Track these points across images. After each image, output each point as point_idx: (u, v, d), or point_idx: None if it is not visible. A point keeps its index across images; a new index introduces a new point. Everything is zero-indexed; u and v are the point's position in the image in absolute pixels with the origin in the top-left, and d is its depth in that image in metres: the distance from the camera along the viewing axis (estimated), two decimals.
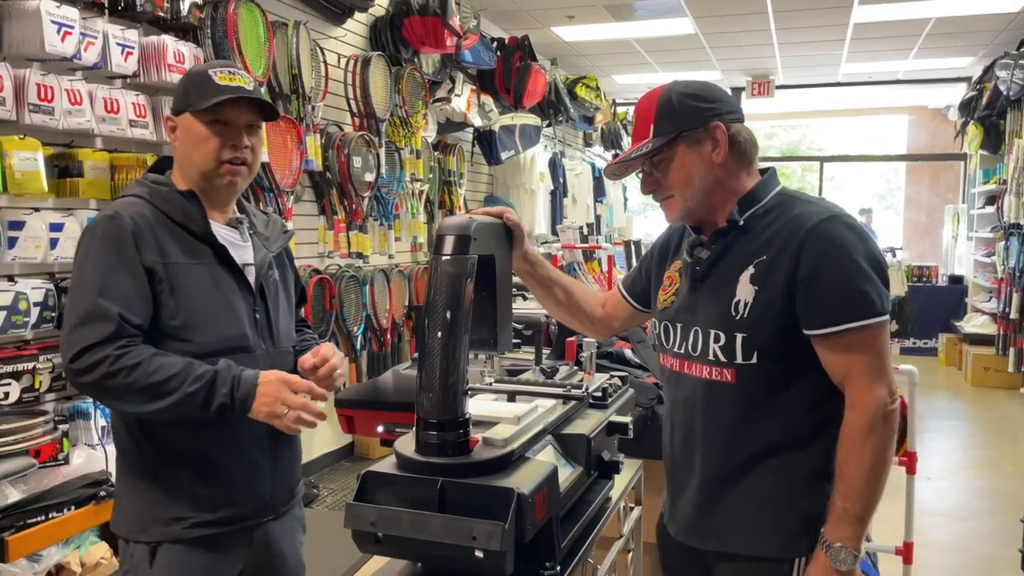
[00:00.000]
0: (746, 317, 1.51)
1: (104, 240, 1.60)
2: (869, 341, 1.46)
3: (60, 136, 2.84)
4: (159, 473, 1.66)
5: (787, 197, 1.59)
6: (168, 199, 1.69)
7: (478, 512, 1.28)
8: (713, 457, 1.59)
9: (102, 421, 2.88)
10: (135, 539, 1.67)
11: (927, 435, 6.39)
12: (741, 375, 1.53)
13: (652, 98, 1.59)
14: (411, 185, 5.23)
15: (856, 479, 1.45)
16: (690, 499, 1.64)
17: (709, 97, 1.57)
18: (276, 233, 1.89)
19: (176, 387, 1.54)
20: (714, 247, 1.60)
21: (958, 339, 9.28)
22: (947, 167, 12.03)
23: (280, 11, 4.18)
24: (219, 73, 1.70)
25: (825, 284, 1.46)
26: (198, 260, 1.68)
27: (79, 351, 1.53)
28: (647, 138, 1.56)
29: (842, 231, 1.48)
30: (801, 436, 1.53)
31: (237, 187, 1.76)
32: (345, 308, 4.55)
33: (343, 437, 4.92)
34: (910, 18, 7.11)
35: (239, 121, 1.71)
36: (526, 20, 7.08)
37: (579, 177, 8.84)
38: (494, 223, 1.59)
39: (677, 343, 1.65)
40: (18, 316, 2.60)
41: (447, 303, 1.36)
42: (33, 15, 2.58)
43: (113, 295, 1.56)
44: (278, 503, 1.78)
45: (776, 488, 1.54)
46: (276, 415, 1.60)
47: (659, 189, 1.61)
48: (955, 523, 4.58)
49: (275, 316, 1.81)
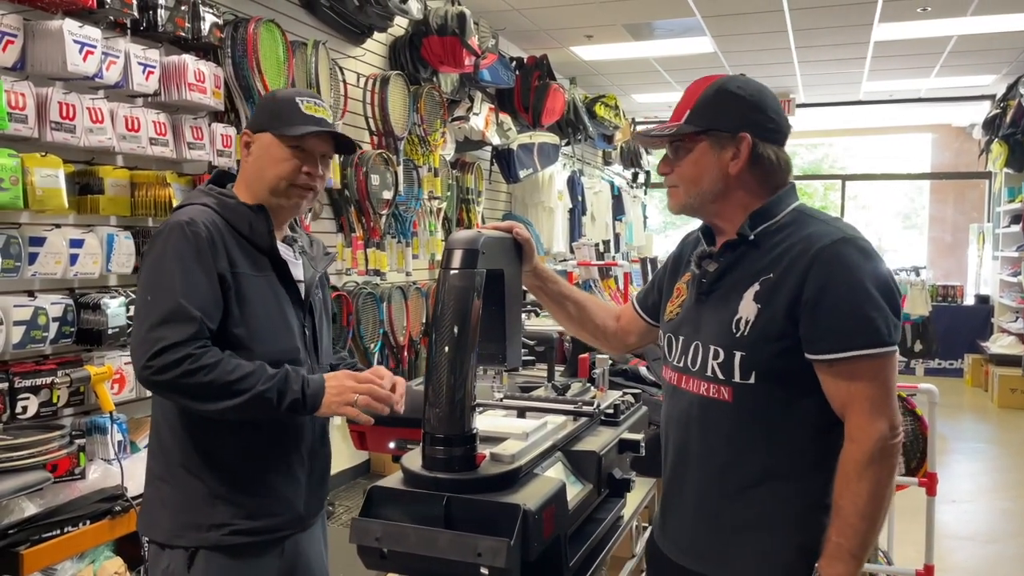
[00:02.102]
0: (746, 335, 1.46)
1: (183, 243, 1.65)
2: (873, 371, 1.40)
3: (81, 153, 2.88)
4: (202, 478, 1.70)
5: (802, 215, 1.53)
6: (236, 211, 1.75)
7: (484, 528, 1.27)
8: (706, 477, 1.54)
9: (119, 436, 2.90)
10: (172, 544, 1.69)
11: (952, 457, 6.28)
12: (738, 394, 1.48)
13: (704, 83, 1.54)
14: (429, 203, 5.25)
15: (851, 515, 1.39)
16: (682, 517, 1.59)
17: (755, 106, 1.51)
18: (320, 254, 1.98)
19: (251, 386, 1.59)
20: (722, 260, 1.56)
21: (984, 360, 9.14)
22: (971, 185, 11.89)
23: (300, 31, 4.23)
24: (305, 103, 1.80)
25: (831, 308, 1.40)
26: (261, 272, 1.75)
27: (160, 349, 1.56)
28: (680, 121, 1.53)
29: (853, 254, 1.42)
30: (799, 464, 1.48)
31: (300, 209, 1.85)
32: (362, 325, 4.56)
33: (359, 454, 4.91)
34: (932, 36, 7.06)
35: (318, 150, 1.81)
36: (545, 40, 7.11)
37: (598, 195, 8.84)
38: (503, 237, 1.59)
39: (677, 356, 1.61)
40: (37, 331, 2.63)
41: (454, 317, 1.36)
42: (56, 35, 2.63)
43: (193, 297, 1.61)
44: (309, 515, 1.83)
45: (771, 516, 1.48)
46: (348, 402, 1.66)
47: (670, 175, 1.58)
48: (981, 546, 4.48)
49: (320, 332, 1.89)
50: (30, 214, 2.70)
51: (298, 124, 1.76)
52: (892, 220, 15.57)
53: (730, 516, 1.52)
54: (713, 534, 1.54)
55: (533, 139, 6.64)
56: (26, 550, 2.47)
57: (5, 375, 2.56)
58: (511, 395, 1.91)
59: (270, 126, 1.79)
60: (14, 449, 2.42)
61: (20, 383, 2.59)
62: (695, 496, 1.57)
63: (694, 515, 1.57)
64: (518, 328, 1.62)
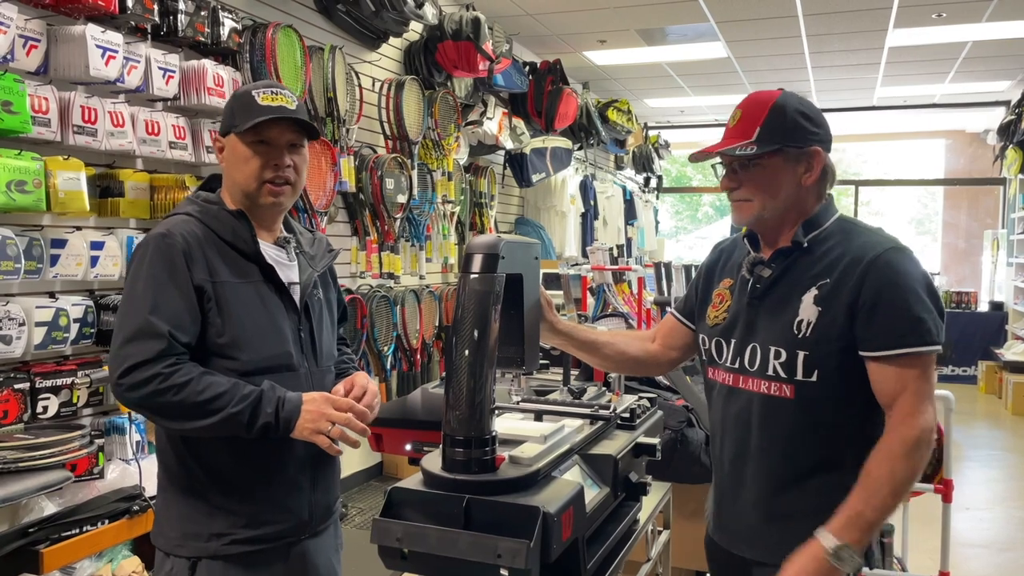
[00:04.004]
0: (809, 336, 1.56)
1: (156, 257, 1.62)
2: (921, 368, 1.50)
3: (102, 157, 2.92)
4: (201, 489, 1.68)
5: (848, 224, 1.65)
6: (218, 217, 1.72)
7: (503, 530, 1.28)
8: (765, 469, 1.63)
9: (137, 436, 2.93)
10: (175, 553, 1.68)
11: (966, 464, 6.24)
12: (800, 391, 1.57)
13: (765, 100, 1.61)
14: (442, 207, 5.28)
15: (885, 486, 1.47)
16: (740, 509, 1.67)
17: (818, 121, 1.62)
18: (321, 252, 1.91)
19: (222, 406, 1.56)
20: (774, 266, 1.64)
21: (998, 367, 9.07)
22: (986, 192, 11.83)
23: (317, 36, 4.27)
24: (262, 94, 1.72)
25: (886, 309, 1.51)
26: (246, 279, 1.70)
27: (129, 367, 1.55)
28: (749, 139, 1.58)
29: (904, 262, 1.54)
30: (846, 457, 1.56)
31: (281, 206, 1.78)
32: (376, 328, 4.59)
33: (372, 457, 4.93)
34: (946, 42, 7.05)
35: (280, 141, 1.73)
36: (558, 44, 7.13)
37: (610, 200, 8.84)
38: (524, 242, 1.61)
39: (730, 358, 1.68)
40: (58, 332, 2.66)
41: (475, 321, 1.37)
42: (79, 40, 2.66)
43: (163, 312, 1.58)
44: (316, 521, 1.79)
45: (820, 505, 1.55)
46: (320, 431, 1.62)
47: (739, 189, 1.64)
48: (996, 554, 4.46)
49: (319, 335, 1.82)
50: (52, 216, 2.73)
51: (255, 116, 1.68)
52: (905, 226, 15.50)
53: (785, 505, 1.61)
54: (769, 523, 1.63)
55: (546, 143, 6.66)
56: (46, 548, 2.50)
57: (27, 375, 2.59)
58: (527, 398, 1.92)
59: (232, 126, 1.73)
60: (35, 448, 2.45)
61: (41, 383, 2.62)
62: (754, 488, 1.64)
63: (753, 506, 1.65)
64: (536, 332, 1.64)
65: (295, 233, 1.88)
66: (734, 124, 1.63)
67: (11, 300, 2.57)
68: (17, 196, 2.48)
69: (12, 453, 2.40)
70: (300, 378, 1.74)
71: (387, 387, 4.75)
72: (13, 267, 2.50)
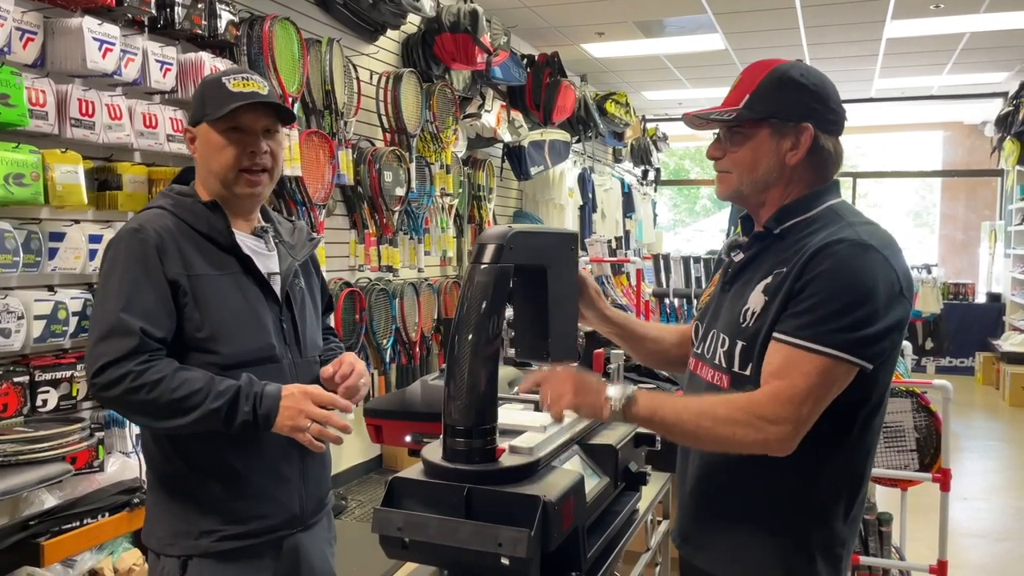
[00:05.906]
0: (750, 326, 1.45)
1: (128, 254, 1.60)
2: (816, 372, 1.33)
3: (100, 150, 2.91)
4: (188, 487, 1.67)
5: (833, 212, 1.48)
6: (192, 210, 1.69)
7: (504, 519, 1.28)
8: (703, 466, 1.56)
9: (136, 429, 2.93)
10: (165, 552, 1.67)
11: (964, 455, 6.27)
12: (735, 383, 1.48)
13: (764, 68, 1.49)
14: (441, 200, 5.27)
15: (689, 416, 1.39)
16: (683, 507, 1.62)
17: (822, 96, 1.48)
18: (302, 241, 1.88)
19: (199, 403, 1.55)
20: (748, 251, 1.55)
21: (996, 358, 9.10)
22: (983, 183, 11.84)
23: (314, 29, 4.26)
24: (233, 80, 1.69)
25: (809, 298, 1.36)
26: (223, 271, 1.68)
27: (102, 366, 1.54)
28: (738, 105, 1.48)
29: (861, 259, 1.36)
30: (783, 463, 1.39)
31: (259, 195, 1.75)
32: (375, 321, 4.59)
33: (371, 449, 4.94)
34: (944, 33, 7.04)
35: (255, 127, 1.70)
36: (556, 37, 7.12)
37: (608, 192, 8.83)
38: (542, 232, 1.58)
39: (698, 343, 1.63)
40: (57, 325, 2.66)
41: (477, 311, 1.37)
42: (76, 32, 2.65)
43: (135, 309, 1.56)
44: (308, 514, 1.78)
45: (752, 511, 1.48)
46: (299, 428, 1.59)
47: (722, 159, 1.54)
48: (993, 544, 4.48)
49: (301, 325, 1.80)
50: (50, 210, 2.73)
51: (227, 104, 1.65)
52: (903, 218, 15.51)
53: (717, 506, 1.54)
54: (702, 523, 1.57)
55: (544, 136, 6.65)
56: (47, 541, 2.51)
57: (26, 369, 2.59)
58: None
59: (203, 115, 1.69)
60: (35, 442, 2.45)
61: (40, 376, 2.62)
62: (693, 485, 1.59)
63: (689, 504, 1.60)
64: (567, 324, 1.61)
65: (273, 222, 1.85)
66: (731, 89, 1.53)
67: (10, 293, 2.56)
68: (15, 189, 2.47)
69: (12, 446, 2.41)
70: (284, 369, 1.72)
71: (386, 380, 4.76)
72: (11, 260, 2.50)
